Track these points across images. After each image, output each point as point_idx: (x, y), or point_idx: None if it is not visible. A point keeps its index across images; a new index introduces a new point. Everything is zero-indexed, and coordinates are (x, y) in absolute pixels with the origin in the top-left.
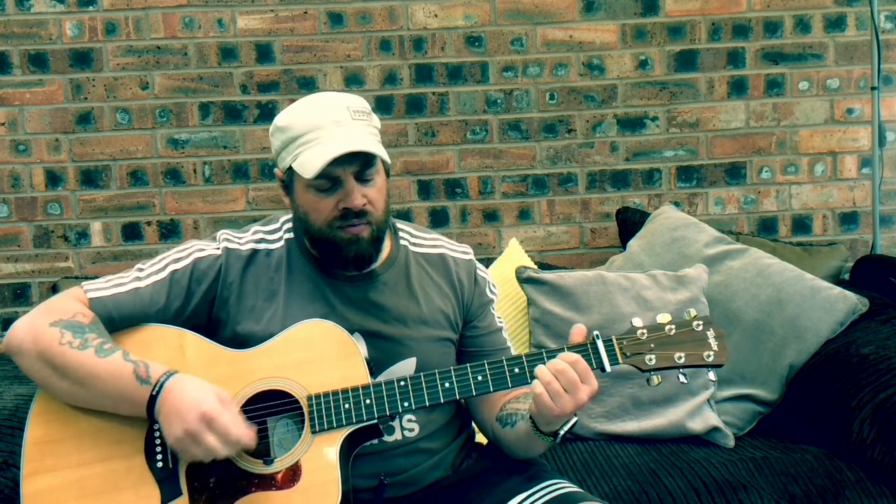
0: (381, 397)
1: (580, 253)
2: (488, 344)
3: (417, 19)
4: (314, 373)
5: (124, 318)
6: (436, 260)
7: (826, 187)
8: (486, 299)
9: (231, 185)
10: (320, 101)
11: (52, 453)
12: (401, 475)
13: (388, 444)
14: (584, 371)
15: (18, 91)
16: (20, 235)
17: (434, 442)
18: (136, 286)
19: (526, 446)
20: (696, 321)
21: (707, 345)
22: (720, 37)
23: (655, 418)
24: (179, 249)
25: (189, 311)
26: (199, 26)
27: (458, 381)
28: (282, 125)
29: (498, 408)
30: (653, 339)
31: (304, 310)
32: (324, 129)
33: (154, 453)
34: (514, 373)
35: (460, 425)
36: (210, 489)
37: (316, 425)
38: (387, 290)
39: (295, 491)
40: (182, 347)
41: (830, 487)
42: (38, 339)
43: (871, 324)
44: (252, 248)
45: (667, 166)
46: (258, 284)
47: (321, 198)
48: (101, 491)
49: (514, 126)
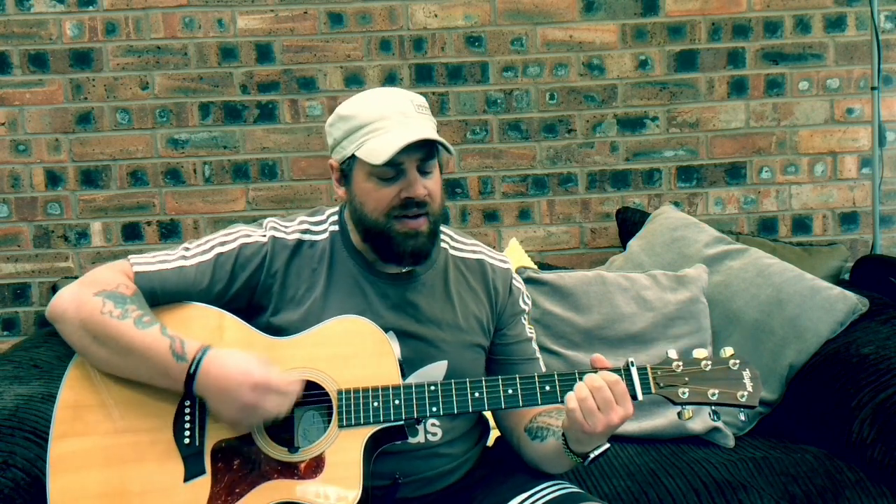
0: (411, 399)
1: (580, 253)
2: (516, 353)
3: (417, 19)
4: (346, 368)
5: (167, 294)
6: (474, 266)
7: (826, 187)
8: (519, 309)
9: (231, 185)
10: (385, 93)
11: (82, 418)
12: (415, 476)
13: (410, 446)
14: (621, 393)
15: (18, 91)
16: (20, 235)
17: (454, 448)
18: (181, 264)
19: (552, 462)
20: (734, 360)
21: (742, 385)
22: (720, 37)
23: (655, 418)
24: (226, 233)
25: (230, 294)
26: (199, 26)
27: (489, 391)
28: (346, 114)
29: (528, 419)
30: (688, 372)
31: (342, 304)
32: (390, 119)
33: (183, 429)
34: (545, 391)
35: (480, 434)
36: (233, 471)
37: (343, 420)
38: (425, 291)
39: (316, 482)
40: (221, 329)
41: (830, 487)
42: (81, 307)
43: (871, 324)
44: (298, 238)
45: (667, 166)
46: (301, 275)
47: (382, 187)
48: (127, 460)
49: (514, 126)
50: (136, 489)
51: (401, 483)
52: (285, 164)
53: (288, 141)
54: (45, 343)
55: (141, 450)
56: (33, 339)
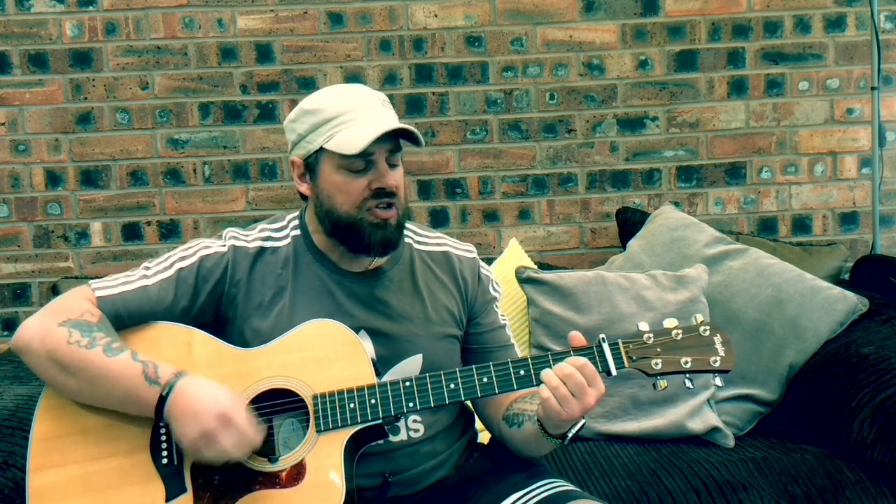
0: (387, 397)
1: (580, 253)
2: (491, 341)
3: (417, 19)
4: (320, 372)
5: (132, 316)
6: (440, 258)
7: (826, 187)
8: (490, 297)
9: (231, 185)
10: (350, 87)
11: (58, 449)
12: (404, 474)
13: (394, 445)
14: (591, 375)
15: (18, 91)
16: (20, 235)
17: (438, 443)
18: (143, 284)
19: (533, 447)
20: (703, 326)
21: (714, 350)
22: (720, 37)
23: (655, 418)
24: (185, 248)
25: (196, 309)
26: (199, 26)
27: (464, 382)
28: (311, 108)
29: (504, 406)
30: (659, 343)
31: (310, 306)
32: (359, 112)
33: (160, 450)
34: (520, 375)
35: (464, 426)
36: (214, 486)
37: (321, 424)
38: (393, 287)
39: (299, 489)
40: (189, 345)
41: (830, 487)
42: (46, 338)
43: (871, 324)
44: (259, 245)
45: (667, 166)
46: (265, 282)
47: (352, 179)
48: (107, 486)
49: (514, 126)
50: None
51: (391, 482)
52: (285, 164)
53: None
54: None
55: (120, 474)
56: None
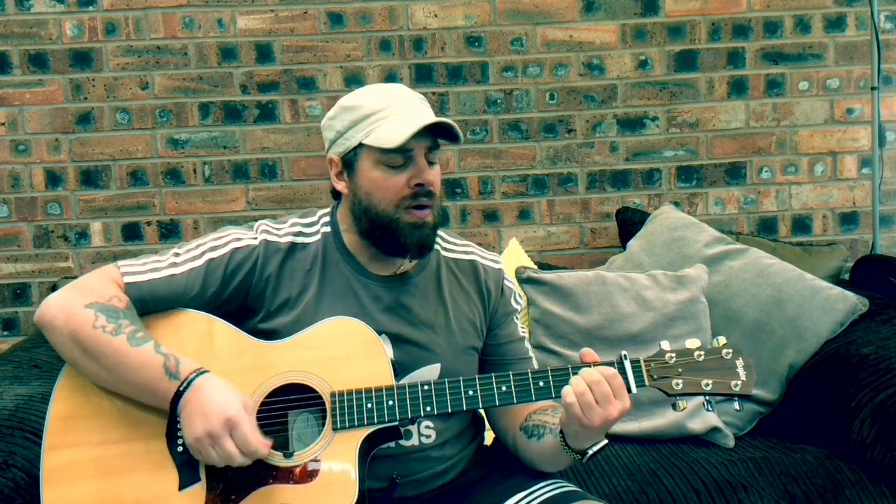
0: (405, 400)
1: (580, 253)
2: (509, 353)
3: (417, 19)
4: (339, 370)
5: (158, 303)
6: (466, 266)
7: (826, 187)
8: (511, 308)
9: (231, 185)
10: (389, 85)
11: (74, 429)
12: (411, 477)
13: (405, 449)
14: (618, 387)
15: (18, 91)
16: (20, 235)
17: (448, 449)
18: (172, 272)
19: (550, 461)
20: (726, 349)
21: (735, 374)
22: (720, 37)
23: (655, 418)
24: (216, 237)
25: (222, 299)
26: (199, 26)
27: (483, 389)
28: (350, 105)
29: (522, 417)
30: (681, 363)
31: (334, 306)
32: (397, 107)
33: (175, 438)
34: (539, 386)
35: (474, 433)
36: (227, 478)
37: (338, 423)
38: (418, 293)
39: (312, 486)
40: (211, 335)
41: (830, 487)
42: (71, 318)
43: (871, 324)
44: (290, 241)
45: (667, 166)
46: (294, 278)
47: (391, 175)
48: (121, 471)
49: (514, 126)
50: (131, 499)
51: (399, 483)
52: (285, 164)
53: (288, 141)
54: (45, 343)
55: (135, 460)
56: (33, 339)
